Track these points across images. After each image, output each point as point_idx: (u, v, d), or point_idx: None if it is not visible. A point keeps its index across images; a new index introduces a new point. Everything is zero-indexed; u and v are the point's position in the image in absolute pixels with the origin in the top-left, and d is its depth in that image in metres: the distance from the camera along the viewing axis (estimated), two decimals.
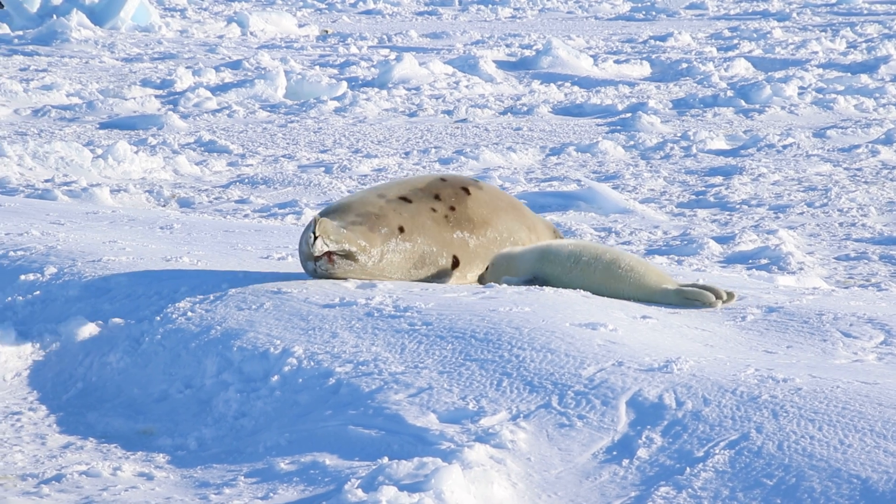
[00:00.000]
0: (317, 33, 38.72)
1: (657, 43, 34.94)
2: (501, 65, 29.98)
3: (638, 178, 17.42)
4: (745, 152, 19.32)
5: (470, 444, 6.04)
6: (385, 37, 37.19)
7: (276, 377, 7.03)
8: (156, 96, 25.46)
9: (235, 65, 29.74)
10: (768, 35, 35.86)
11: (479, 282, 8.77)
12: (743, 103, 24.08)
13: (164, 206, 16.01)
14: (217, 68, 28.92)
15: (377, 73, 28.18)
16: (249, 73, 28.31)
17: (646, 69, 29.80)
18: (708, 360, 6.78)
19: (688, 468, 5.79)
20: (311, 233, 8.29)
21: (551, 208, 15.25)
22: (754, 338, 7.52)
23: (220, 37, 37.52)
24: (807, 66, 28.96)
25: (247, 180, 17.57)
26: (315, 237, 8.28)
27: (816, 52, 31.77)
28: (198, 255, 9.62)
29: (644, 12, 45.68)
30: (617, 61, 30.34)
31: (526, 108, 24.25)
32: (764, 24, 39.15)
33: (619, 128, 22.00)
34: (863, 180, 16.93)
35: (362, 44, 35.44)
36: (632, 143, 20.21)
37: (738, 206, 15.45)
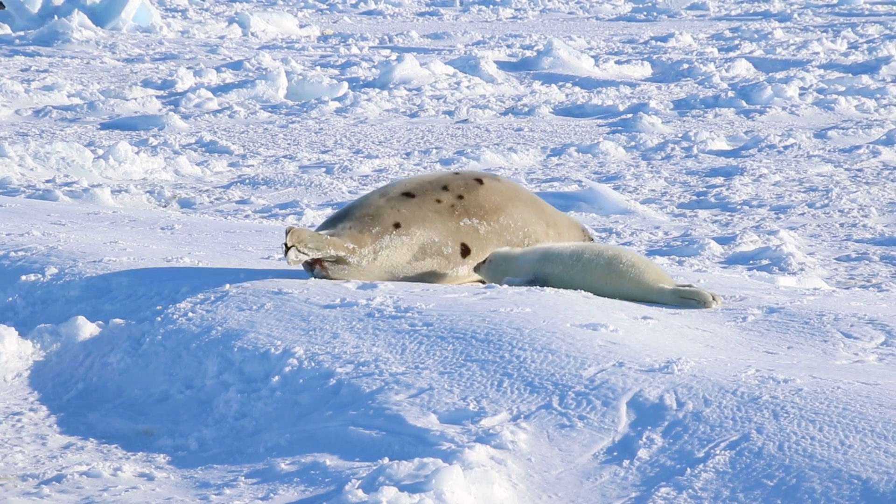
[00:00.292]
0: (318, 34, 38.73)
1: (658, 43, 34.94)
2: (502, 65, 29.98)
3: (639, 179, 17.41)
4: (745, 153, 19.32)
5: (470, 444, 6.04)
6: (386, 37, 37.20)
7: (276, 378, 7.03)
8: (157, 97, 25.47)
9: (236, 65, 29.75)
10: (769, 36, 35.86)
11: (475, 271, 8.79)
12: (744, 104, 24.08)
13: (164, 206, 16.01)
14: (218, 69, 28.93)
15: (378, 73, 28.19)
16: (250, 74, 28.32)
17: (647, 70, 29.80)
18: (709, 361, 6.78)
19: (688, 469, 5.79)
20: (282, 244, 8.35)
21: None
22: (755, 338, 7.52)
23: (222, 37, 37.53)
24: (808, 66, 28.96)
25: (248, 181, 17.57)
26: (287, 248, 8.35)
27: (817, 53, 31.76)
28: (199, 256, 9.62)
29: (645, 13, 45.68)
30: (618, 62, 30.34)
31: (527, 109, 24.25)
32: (765, 25, 39.15)
33: (620, 128, 22.00)
34: (864, 181, 16.93)
35: (363, 44, 35.45)
36: (633, 143, 20.21)
37: (739, 207, 15.45)
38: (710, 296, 8.27)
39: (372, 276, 8.61)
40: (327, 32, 38.79)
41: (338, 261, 8.55)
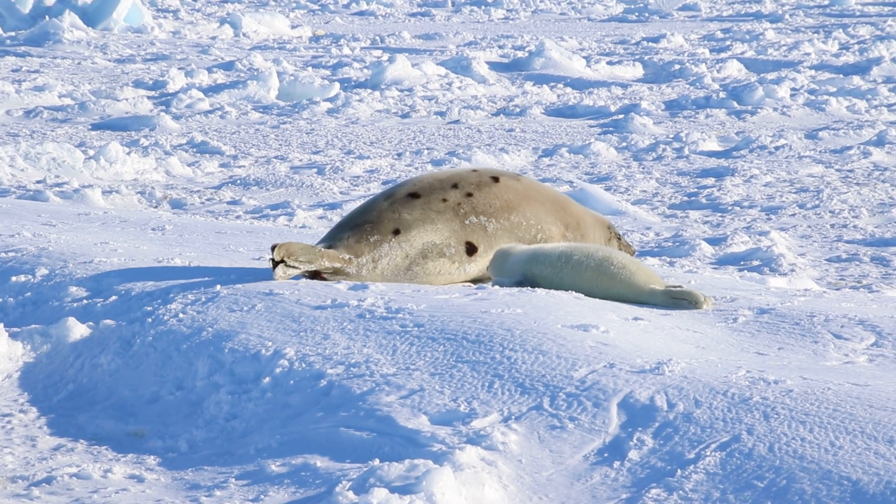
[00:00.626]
0: (309, 34, 38.71)
1: (650, 44, 34.96)
2: (494, 66, 29.98)
3: (630, 180, 17.42)
4: (737, 154, 19.33)
5: (461, 445, 6.04)
6: (378, 38, 37.19)
7: (267, 379, 7.03)
8: (148, 97, 25.44)
9: (228, 66, 29.73)
10: (761, 36, 35.90)
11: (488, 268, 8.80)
12: (735, 105, 24.10)
13: (155, 207, 15.99)
14: (209, 69, 28.90)
15: (370, 74, 28.18)
16: (242, 75, 28.29)
17: (638, 70, 29.82)
18: (699, 362, 6.78)
19: (679, 470, 5.79)
20: (270, 259, 8.35)
21: None
22: (746, 339, 7.52)
23: (213, 38, 37.50)
24: (799, 67, 28.99)
25: (239, 181, 17.55)
26: (275, 264, 8.35)
27: (809, 54, 31.80)
28: (189, 257, 9.61)
29: (637, 14, 45.72)
30: (609, 62, 30.36)
31: (518, 110, 24.26)
32: (756, 26, 39.19)
33: (611, 129, 22.01)
34: (854, 182, 16.95)
35: (355, 45, 35.44)
36: (624, 144, 20.22)
37: (730, 208, 15.46)
38: (702, 296, 8.27)
39: (379, 280, 8.64)
40: (319, 33, 38.79)
41: (336, 272, 8.57)
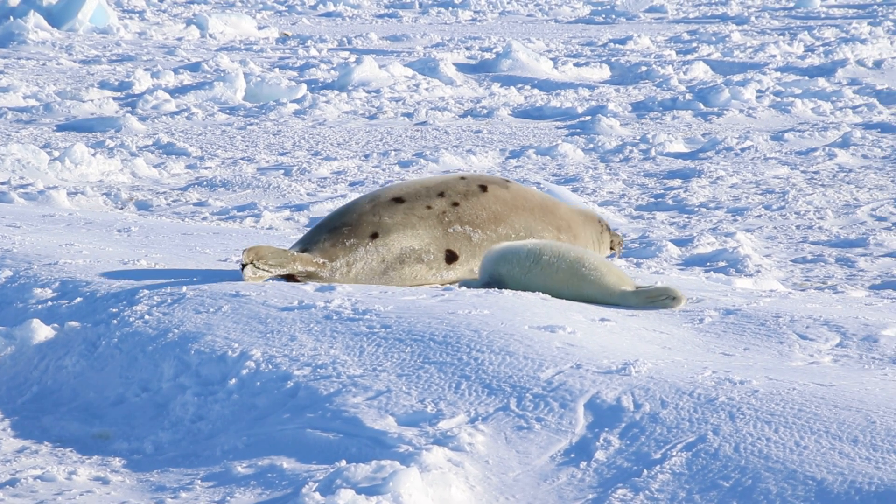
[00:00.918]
0: (276, 35, 38.63)
1: (616, 46, 35.05)
2: (461, 67, 30.00)
3: (597, 181, 17.46)
4: (703, 155, 19.40)
5: (428, 446, 6.04)
6: (345, 39, 37.14)
7: (233, 380, 7.00)
8: (114, 98, 25.33)
9: (194, 67, 29.63)
10: (727, 38, 36.04)
11: None
12: (701, 106, 24.18)
13: (121, 208, 15.92)
14: (176, 70, 28.80)
15: (337, 75, 28.14)
16: (208, 76, 28.20)
17: (605, 72, 29.89)
18: (665, 363, 6.80)
19: (645, 470, 5.80)
20: (238, 262, 8.36)
21: None
22: (712, 340, 7.55)
23: (179, 39, 37.37)
24: (765, 69, 29.12)
25: (205, 183, 17.50)
26: (243, 266, 8.37)
27: (774, 56, 31.95)
28: (155, 258, 9.58)
29: (604, 16, 45.83)
30: (577, 64, 30.42)
31: (486, 111, 24.28)
32: (722, 28, 39.35)
33: (578, 130, 22.05)
34: (820, 183, 17.03)
35: (322, 46, 35.39)
36: (591, 145, 20.26)
37: (697, 209, 15.52)
38: (679, 291, 8.30)
39: (354, 283, 8.63)
40: (287, 33, 38.72)
41: (309, 276, 8.56)
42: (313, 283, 8.43)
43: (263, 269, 8.47)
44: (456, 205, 8.87)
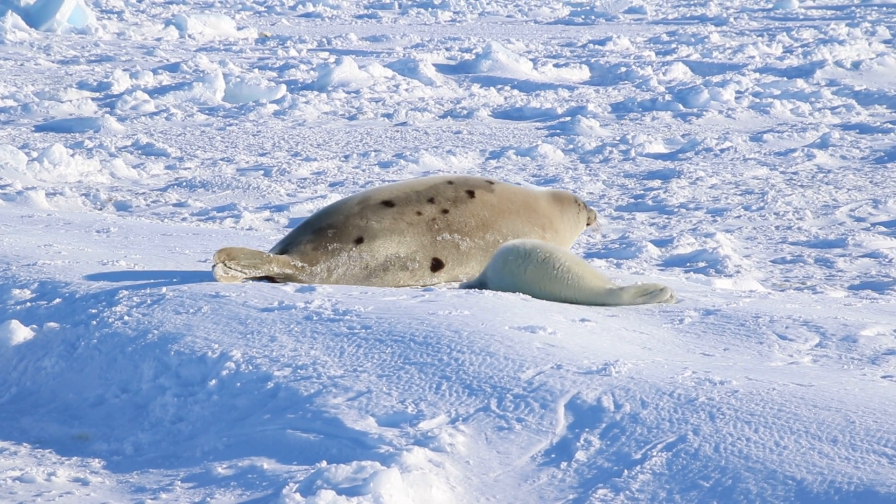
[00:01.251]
0: (255, 36, 38.58)
1: (596, 47, 35.10)
2: (441, 68, 30.00)
3: (577, 182, 17.48)
4: (683, 156, 19.44)
5: (409, 447, 6.03)
6: (324, 40, 37.10)
7: (213, 381, 6.99)
8: (92, 99, 25.25)
9: (173, 67, 29.56)
10: (706, 39, 36.13)
11: None
12: (681, 107, 24.23)
13: (100, 209, 15.88)
14: (155, 71, 28.73)
15: (316, 76, 28.11)
16: (187, 76, 28.14)
17: (585, 73, 29.92)
18: (646, 363, 6.81)
19: (626, 470, 5.81)
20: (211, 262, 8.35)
21: None
22: (692, 340, 7.56)
23: (158, 39, 37.28)
24: (744, 70, 29.19)
25: (185, 183, 17.46)
26: (213, 266, 8.36)
27: (753, 57, 32.03)
28: (135, 259, 9.55)
29: (583, 16, 45.90)
30: (556, 65, 30.45)
31: (466, 112, 24.28)
32: (702, 29, 39.44)
33: (558, 131, 22.07)
34: (799, 184, 17.09)
35: (301, 47, 35.34)
36: (571, 146, 20.28)
37: (677, 210, 15.55)
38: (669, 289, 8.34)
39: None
40: (266, 34, 38.66)
41: (288, 278, 8.52)
42: (293, 284, 8.42)
43: (236, 270, 8.43)
44: (446, 212, 8.84)
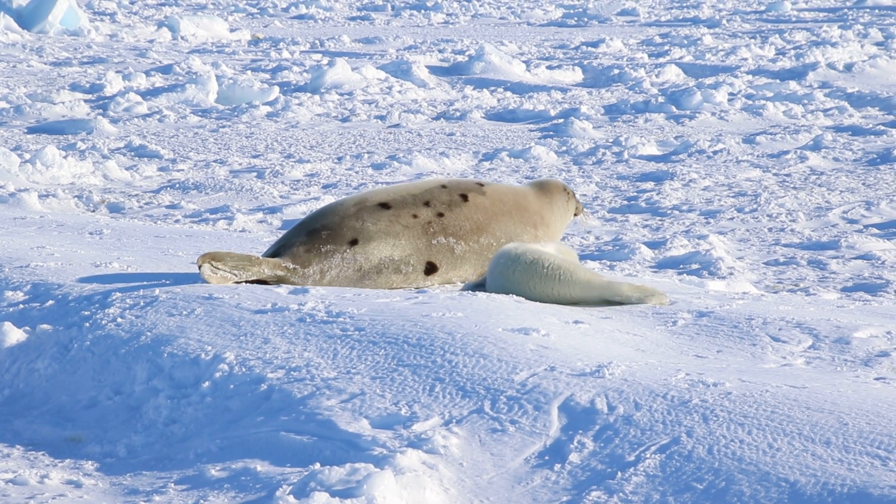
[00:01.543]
0: (248, 38, 38.56)
1: (589, 49, 35.12)
2: (434, 70, 30.00)
3: (570, 184, 17.48)
4: (676, 158, 19.45)
5: (402, 449, 6.03)
6: (317, 42, 37.10)
7: (207, 383, 6.98)
8: (85, 101, 25.22)
9: (166, 69, 29.53)
10: (699, 42, 36.16)
11: None
12: (674, 109, 24.25)
13: (93, 211, 15.86)
14: (147, 73, 28.70)
15: (309, 77, 28.10)
16: (180, 78, 28.12)
17: (578, 75, 29.93)
18: (639, 365, 6.81)
19: (619, 472, 5.81)
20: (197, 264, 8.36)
21: None
22: (685, 342, 7.56)
23: (151, 41, 37.25)
24: (737, 72, 29.23)
25: (178, 185, 17.44)
26: (200, 267, 8.36)
27: (746, 59, 32.07)
28: (128, 261, 9.54)
29: (576, 18, 45.93)
30: (549, 67, 30.46)
31: (459, 114, 24.28)
32: (694, 31, 39.48)
33: (551, 133, 22.08)
34: (791, 186, 17.10)
35: (294, 48, 35.33)
36: (564, 148, 20.29)
37: (670, 212, 15.55)
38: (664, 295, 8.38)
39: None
40: (258, 36, 38.64)
41: (280, 280, 8.52)
42: (287, 286, 8.41)
43: (223, 270, 8.42)
44: (441, 215, 8.84)
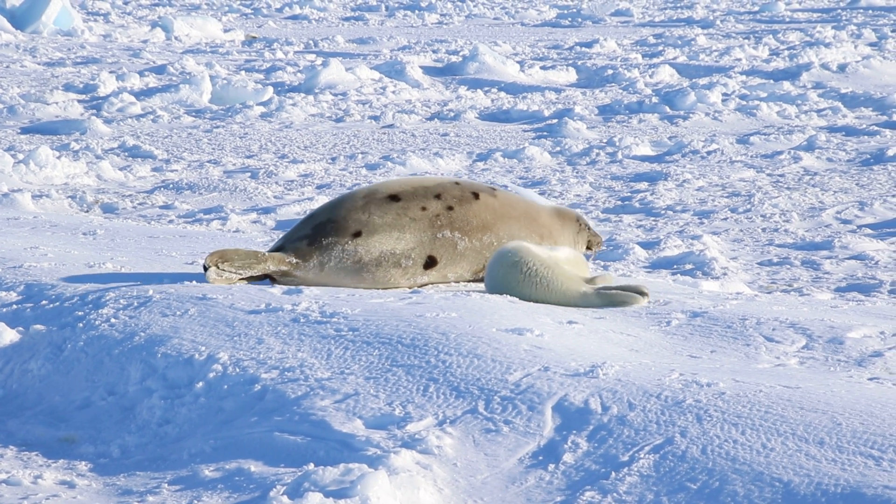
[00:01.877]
0: (242, 38, 38.54)
1: (583, 49, 35.13)
2: (428, 70, 29.99)
3: (564, 184, 17.49)
4: (669, 158, 19.46)
5: (396, 449, 6.03)
6: (311, 42, 37.08)
7: (200, 384, 6.98)
8: (78, 101, 25.20)
9: (160, 69, 29.51)
10: (692, 42, 36.18)
11: None
12: (668, 109, 24.26)
13: (87, 211, 15.84)
14: (141, 73, 28.68)
15: (303, 78, 28.09)
16: (174, 78, 28.10)
17: (572, 75, 29.94)
18: (633, 365, 6.81)
19: (613, 473, 5.81)
20: (202, 264, 8.38)
21: None
22: (679, 342, 7.57)
23: (145, 41, 37.22)
24: (730, 72, 29.25)
25: (171, 186, 17.43)
26: (206, 268, 8.37)
27: (740, 59, 32.10)
28: (121, 261, 9.53)
29: (570, 19, 45.94)
30: (543, 67, 30.47)
31: (453, 114, 24.28)
32: (688, 31, 39.50)
33: (545, 133, 22.08)
34: (785, 186, 17.12)
35: (288, 49, 35.32)
36: (558, 148, 20.29)
37: (663, 212, 15.56)
38: (639, 292, 8.34)
39: (328, 284, 8.61)
40: (253, 36, 38.62)
41: (284, 274, 8.56)
42: (280, 287, 8.42)
43: (230, 272, 8.45)
44: (450, 209, 8.87)
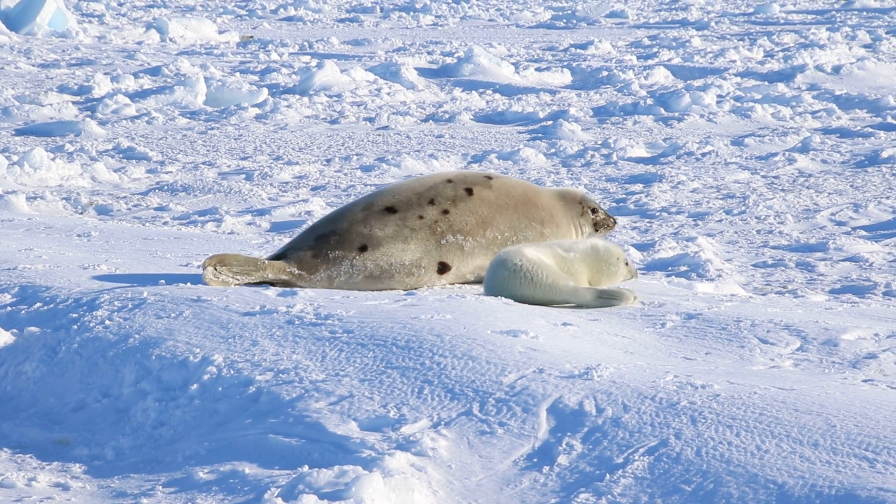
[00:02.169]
0: (237, 40, 38.52)
1: (578, 51, 35.14)
2: (423, 72, 30.00)
3: (559, 186, 17.49)
4: (664, 160, 19.47)
5: (391, 451, 6.03)
6: (306, 43, 37.08)
7: (195, 386, 6.97)
8: (73, 102, 25.18)
9: (154, 71, 29.50)
10: (687, 44, 36.21)
11: None
12: (662, 111, 24.27)
13: (81, 213, 15.83)
14: (136, 74, 28.67)
15: (298, 79, 28.09)
16: (169, 80, 28.08)
17: (566, 77, 29.95)
18: (628, 367, 6.81)
19: (607, 475, 5.81)
20: (201, 265, 8.38)
21: None
22: (673, 344, 7.57)
23: (139, 43, 37.20)
24: (725, 74, 29.26)
25: (166, 187, 17.42)
26: (204, 269, 8.37)
27: (734, 61, 32.12)
28: (116, 263, 9.53)
29: (565, 20, 45.96)
30: (538, 69, 30.47)
31: (447, 116, 24.28)
32: (683, 33, 39.53)
33: (540, 135, 22.09)
34: (780, 188, 17.13)
35: (283, 50, 35.31)
36: (553, 150, 20.30)
37: (658, 214, 15.57)
38: (631, 296, 8.34)
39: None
40: (250, 36, 38.61)
41: (285, 284, 8.53)
42: (275, 289, 8.41)
43: (227, 276, 8.44)
44: (446, 212, 8.80)
